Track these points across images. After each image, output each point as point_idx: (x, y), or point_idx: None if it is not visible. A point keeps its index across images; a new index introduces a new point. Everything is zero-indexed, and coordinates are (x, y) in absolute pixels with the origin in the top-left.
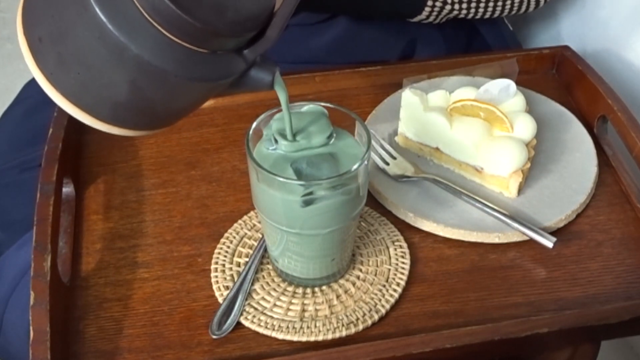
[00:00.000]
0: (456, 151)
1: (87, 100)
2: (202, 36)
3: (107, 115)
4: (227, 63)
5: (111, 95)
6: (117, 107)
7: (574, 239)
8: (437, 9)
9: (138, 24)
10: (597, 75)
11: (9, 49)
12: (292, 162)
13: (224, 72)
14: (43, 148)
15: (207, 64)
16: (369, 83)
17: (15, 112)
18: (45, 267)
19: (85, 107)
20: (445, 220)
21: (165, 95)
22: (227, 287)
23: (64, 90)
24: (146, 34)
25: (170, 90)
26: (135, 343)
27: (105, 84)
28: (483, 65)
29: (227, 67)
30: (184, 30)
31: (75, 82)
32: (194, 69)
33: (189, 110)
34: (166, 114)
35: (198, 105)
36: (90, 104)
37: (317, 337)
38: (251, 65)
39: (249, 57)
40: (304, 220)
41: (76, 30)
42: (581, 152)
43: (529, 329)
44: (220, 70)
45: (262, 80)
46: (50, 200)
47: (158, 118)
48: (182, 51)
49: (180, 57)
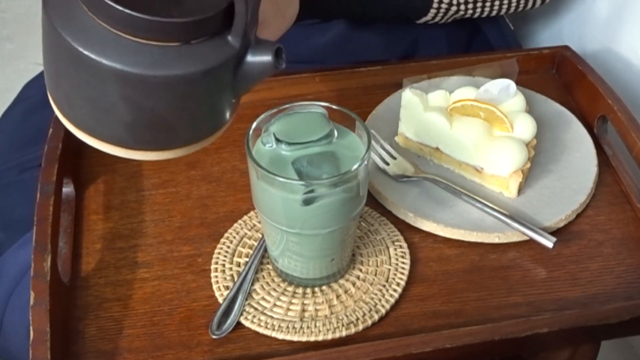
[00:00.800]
0: (456, 151)
1: (104, 131)
2: (160, 28)
3: (130, 140)
4: (210, 52)
5: (119, 119)
6: (133, 130)
7: (574, 239)
8: (442, 10)
9: (100, 36)
10: (597, 75)
11: (9, 49)
12: (293, 161)
13: (209, 61)
14: (43, 148)
15: (185, 57)
16: (369, 83)
17: (15, 112)
18: (45, 267)
19: (105, 137)
20: (445, 220)
21: (164, 102)
22: (227, 287)
23: (84, 127)
24: (110, 43)
25: (165, 95)
26: (136, 343)
27: (107, 109)
28: (483, 65)
29: (211, 55)
30: (139, 26)
31: (87, 116)
32: (170, 64)
33: (208, 118)
34: (182, 125)
35: (215, 111)
36: (108, 134)
37: (317, 337)
38: (245, 51)
39: (234, 41)
40: (304, 220)
41: (62, 65)
42: (581, 152)
43: (529, 329)
44: (204, 60)
45: (263, 62)
46: (50, 200)
47: (177, 132)
48: (151, 50)
49: (153, 56)
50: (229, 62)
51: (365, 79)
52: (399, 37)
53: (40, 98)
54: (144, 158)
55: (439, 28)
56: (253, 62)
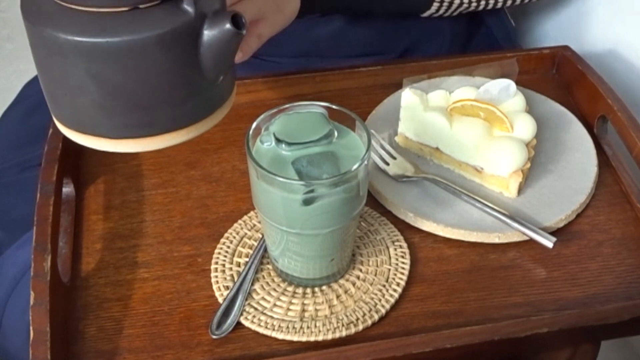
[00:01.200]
0: (456, 151)
1: (83, 119)
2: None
3: (109, 127)
4: (162, 17)
5: (90, 100)
6: (107, 113)
7: (574, 239)
8: (446, 4)
9: (54, 12)
10: (597, 75)
11: (9, 49)
12: (293, 162)
13: (160, 26)
14: (43, 147)
15: (136, 22)
16: (369, 83)
17: (15, 111)
18: (45, 267)
19: (86, 128)
20: (445, 220)
21: (124, 72)
22: (227, 287)
23: (66, 120)
24: (63, 17)
25: (123, 65)
26: (135, 343)
27: (76, 90)
28: (483, 65)
29: (163, 20)
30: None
31: (65, 106)
32: (121, 30)
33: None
34: (154, 103)
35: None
36: (87, 123)
37: (317, 337)
38: (202, 21)
39: (188, 7)
40: (304, 220)
41: (33, 54)
42: (581, 152)
43: (529, 329)
44: (155, 25)
45: (222, 31)
46: (50, 201)
47: (151, 113)
48: (101, 17)
49: (104, 23)
50: (182, 28)
51: (365, 79)
52: (400, 29)
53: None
54: (129, 149)
55: (441, 21)
56: (212, 33)
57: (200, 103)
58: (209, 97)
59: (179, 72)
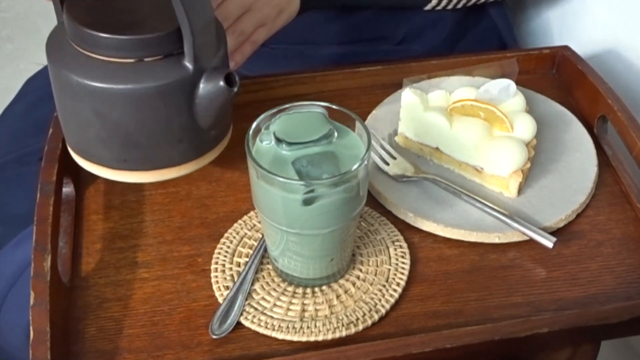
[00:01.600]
0: (456, 151)
1: (90, 150)
2: (114, 45)
3: (111, 159)
4: (163, 70)
5: (96, 135)
6: (109, 146)
7: (574, 239)
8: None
9: (72, 55)
10: (597, 75)
11: (9, 49)
12: (293, 161)
13: (160, 78)
14: (43, 140)
15: (139, 73)
16: (369, 83)
17: (16, 108)
18: (45, 267)
19: (93, 158)
20: (445, 220)
21: (126, 114)
22: (227, 287)
23: (77, 149)
24: (78, 60)
25: (125, 108)
26: (135, 343)
27: (84, 124)
28: (483, 65)
29: (164, 73)
30: (98, 44)
31: (76, 137)
32: (125, 79)
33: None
34: (150, 142)
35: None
36: (93, 153)
37: (317, 337)
38: (201, 75)
39: (188, 63)
40: (304, 220)
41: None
42: (581, 152)
43: (529, 329)
44: (156, 77)
45: (216, 87)
46: (50, 201)
47: (147, 151)
48: (109, 65)
49: (111, 71)
50: (180, 81)
51: (365, 79)
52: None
53: (41, 94)
54: (127, 180)
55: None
56: (207, 87)
57: (192, 146)
58: (201, 141)
59: (175, 118)
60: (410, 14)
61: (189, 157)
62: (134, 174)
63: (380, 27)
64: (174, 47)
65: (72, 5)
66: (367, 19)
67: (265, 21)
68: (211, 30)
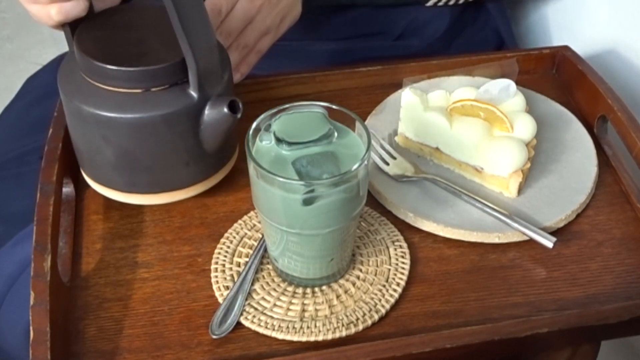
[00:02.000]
0: (456, 151)
1: (102, 175)
2: (121, 77)
3: (120, 183)
4: (169, 99)
5: (106, 160)
6: (119, 171)
7: (574, 239)
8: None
9: (83, 86)
10: (597, 75)
11: (9, 49)
12: (293, 162)
13: (166, 107)
14: (42, 139)
15: (146, 102)
16: (369, 83)
17: (16, 106)
18: (45, 267)
19: (105, 182)
20: (445, 220)
21: (134, 141)
22: (227, 287)
23: (85, 170)
24: (89, 91)
25: (134, 135)
26: (135, 343)
27: (95, 151)
28: (483, 65)
29: (170, 102)
30: (107, 76)
31: (88, 161)
32: (133, 108)
33: (181, 163)
34: (158, 167)
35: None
36: (105, 177)
37: (317, 337)
38: (205, 103)
39: (192, 92)
40: (304, 220)
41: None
42: (581, 152)
43: (528, 329)
44: (162, 106)
45: (220, 113)
46: (50, 201)
47: (155, 176)
48: (118, 95)
49: (119, 101)
50: (185, 110)
51: (365, 79)
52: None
53: (41, 92)
54: (135, 202)
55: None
56: (211, 114)
57: (199, 169)
58: (207, 164)
59: (181, 144)
60: (409, 10)
61: (196, 180)
62: (143, 196)
63: (379, 22)
64: (179, 76)
65: (82, 37)
66: (365, 15)
67: (269, 30)
68: (214, 58)
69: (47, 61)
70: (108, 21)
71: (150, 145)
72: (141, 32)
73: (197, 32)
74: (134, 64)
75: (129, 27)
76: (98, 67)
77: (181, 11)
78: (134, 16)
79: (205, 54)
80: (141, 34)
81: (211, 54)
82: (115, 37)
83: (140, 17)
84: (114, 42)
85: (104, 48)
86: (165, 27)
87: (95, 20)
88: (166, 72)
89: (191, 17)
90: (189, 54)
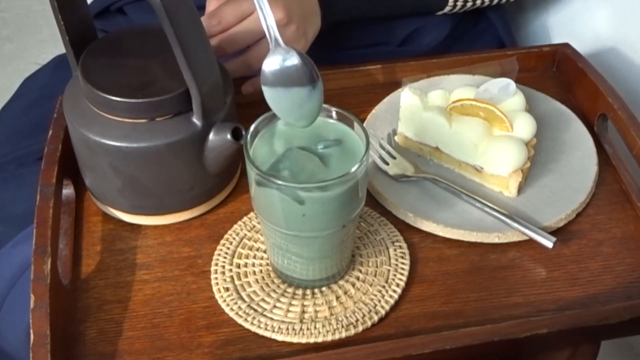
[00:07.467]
0: (456, 151)
1: (109, 198)
2: (127, 108)
3: (127, 205)
4: (174, 128)
5: (113, 185)
6: (125, 195)
7: (574, 238)
8: (460, 2)
9: (90, 116)
10: (598, 74)
11: (9, 49)
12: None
13: (171, 136)
14: (42, 140)
15: (151, 132)
16: (369, 82)
17: (14, 106)
18: (46, 270)
19: (113, 204)
20: (445, 220)
21: (140, 168)
22: (227, 288)
23: (93, 192)
24: (96, 121)
25: (139, 163)
26: (136, 345)
27: (103, 177)
28: (482, 64)
29: (174, 131)
30: (113, 107)
31: (95, 185)
32: (139, 137)
33: (187, 186)
34: (163, 191)
35: (192, 180)
36: (112, 200)
37: (317, 339)
38: (209, 129)
39: (196, 120)
40: (303, 222)
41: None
42: (581, 150)
43: (528, 329)
44: (167, 135)
45: (223, 140)
46: (50, 203)
47: (161, 199)
48: (124, 125)
49: (125, 131)
50: (190, 138)
51: (365, 78)
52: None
53: (39, 93)
54: (141, 222)
55: None
56: (215, 140)
57: (203, 191)
58: (210, 186)
59: (185, 170)
60: (413, 19)
61: (201, 201)
62: (150, 218)
63: (381, 32)
64: (183, 106)
65: (86, 64)
66: (368, 25)
67: (289, 42)
68: (218, 86)
69: (46, 61)
70: (112, 47)
71: (155, 172)
72: (145, 59)
73: (200, 64)
74: (138, 96)
75: (133, 53)
76: (103, 98)
77: (184, 44)
78: (137, 41)
79: (209, 84)
80: (145, 61)
81: (214, 83)
82: (119, 65)
83: (144, 42)
84: (118, 72)
85: (108, 77)
86: (169, 52)
87: (99, 46)
88: (171, 103)
89: (194, 48)
90: (192, 86)
